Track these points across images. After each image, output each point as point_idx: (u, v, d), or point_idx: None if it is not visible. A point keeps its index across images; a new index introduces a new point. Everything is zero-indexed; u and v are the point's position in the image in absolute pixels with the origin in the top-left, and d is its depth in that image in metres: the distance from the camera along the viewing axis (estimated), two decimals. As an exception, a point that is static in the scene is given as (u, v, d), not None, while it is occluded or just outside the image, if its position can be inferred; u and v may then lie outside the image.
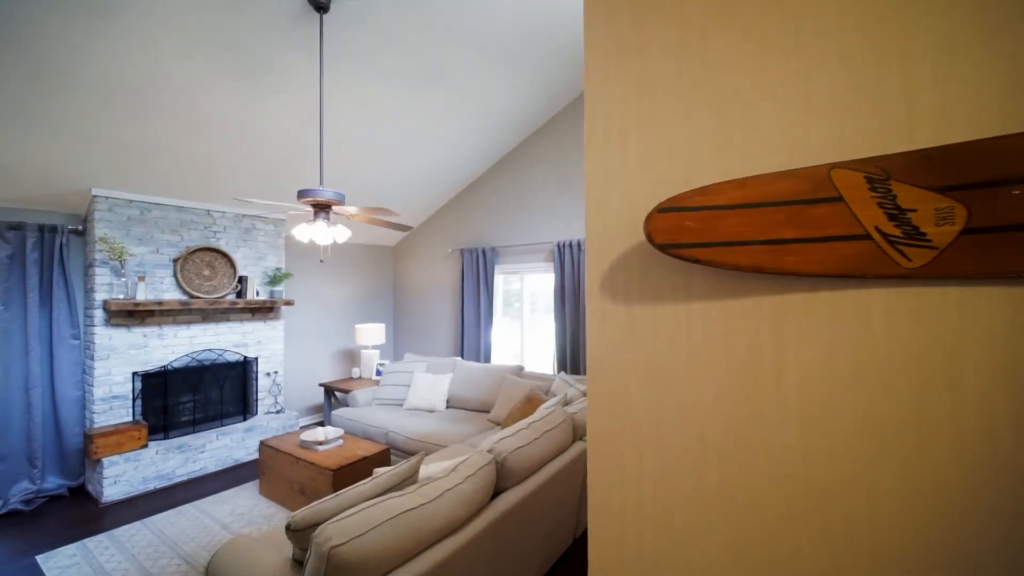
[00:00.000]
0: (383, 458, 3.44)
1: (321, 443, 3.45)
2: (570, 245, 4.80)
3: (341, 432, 3.56)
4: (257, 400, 4.66)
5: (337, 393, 5.40)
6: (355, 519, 1.51)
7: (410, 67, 3.54)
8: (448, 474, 1.89)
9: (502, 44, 3.60)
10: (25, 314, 3.53)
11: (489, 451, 2.11)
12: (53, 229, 3.64)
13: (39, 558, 2.80)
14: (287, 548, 1.81)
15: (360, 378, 5.50)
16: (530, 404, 3.65)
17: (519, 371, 4.40)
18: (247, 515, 3.28)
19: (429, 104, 4.02)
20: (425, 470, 1.97)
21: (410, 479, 1.89)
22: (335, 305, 5.88)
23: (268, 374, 4.77)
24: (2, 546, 2.95)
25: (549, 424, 2.53)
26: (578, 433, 2.78)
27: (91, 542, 2.97)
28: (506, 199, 5.40)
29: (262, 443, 3.62)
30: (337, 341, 5.89)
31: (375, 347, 6.19)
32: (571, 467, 2.54)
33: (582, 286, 4.74)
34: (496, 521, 1.88)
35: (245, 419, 4.55)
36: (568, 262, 4.82)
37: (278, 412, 4.79)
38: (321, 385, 5.39)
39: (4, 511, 3.36)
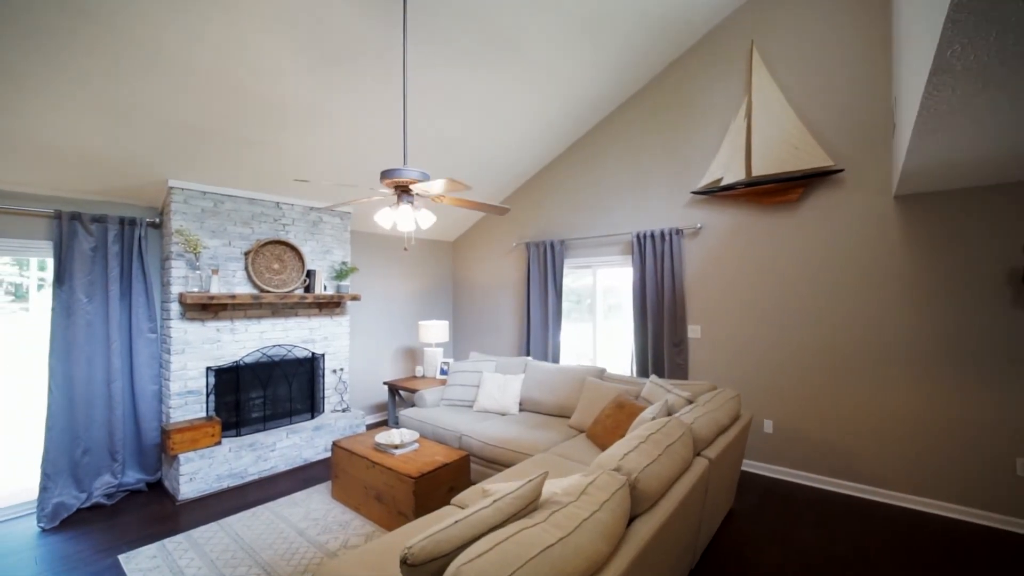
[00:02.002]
0: (464, 466, 3.20)
1: (397, 446, 3.25)
2: (652, 236, 4.40)
3: (417, 435, 3.35)
4: (324, 398, 4.57)
5: (401, 392, 5.26)
6: (491, 558, 1.24)
7: (488, 44, 3.27)
8: (577, 497, 1.59)
9: (586, 9, 3.27)
10: (107, 307, 3.54)
11: (616, 470, 1.79)
12: (132, 222, 3.64)
13: (121, 557, 2.74)
14: None
15: (423, 377, 5.33)
16: (622, 411, 3.30)
17: (601, 373, 4.05)
18: (321, 521, 3.13)
19: (504, 84, 3.75)
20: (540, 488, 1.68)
21: (532, 502, 1.60)
22: (395, 302, 5.74)
23: (334, 371, 4.67)
24: (87, 541, 2.93)
25: (668, 437, 2.18)
26: (697, 447, 2.42)
27: (170, 543, 2.89)
28: (577, 187, 5.07)
29: (335, 444, 3.47)
30: (397, 339, 5.75)
31: (438, 345, 6.02)
32: (696, 488, 2.18)
33: (666, 281, 4.34)
34: (636, 558, 1.56)
35: (313, 417, 4.46)
36: (650, 254, 4.43)
37: (344, 411, 4.68)
38: (385, 383, 5.25)
39: (88, 504, 3.38)
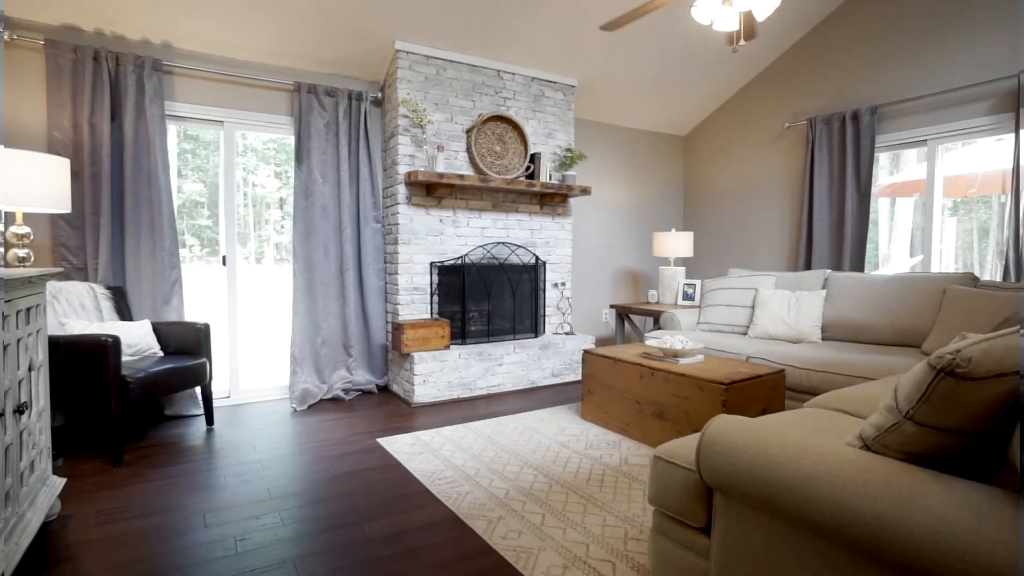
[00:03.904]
0: (779, 384, 2.74)
1: (678, 354, 2.93)
2: (1070, 70, 3.22)
3: (702, 345, 2.98)
4: (545, 316, 4.51)
5: (633, 318, 4.98)
6: None
7: None
8: None
9: None
10: (339, 190, 3.87)
11: None
12: (359, 96, 3.89)
13: (380, 440, 2.96)
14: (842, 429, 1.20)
15: (659, 303, 4.96)
16: (1059, 319, 2.44)
17: (971, 281, 3.16)
18: (581, 438, 2.99)
19: None
20: None
21: None
22: (613, 213, 5.43)
23: (555, 285, 4.57)
24: (340, 424, 3.27)
25: None
26: None
27: (423, 435, 3.04)
28: (901, 20, 3.99)
29: (587, 353, 3.30)
30: (615, 258, 5.46)
31: (678, 263, 5.61)
32: None
33: (1091, 145, 3.15)
34: None
35: (536, 336, 4.44)
36: (1058, 104, 3.26)
37: (568, 333, 4.57)
38: (612, 307, 5.03)
39: (329, 396, 3.81)
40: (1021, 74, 3.38)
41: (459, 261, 4.08)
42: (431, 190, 3.91)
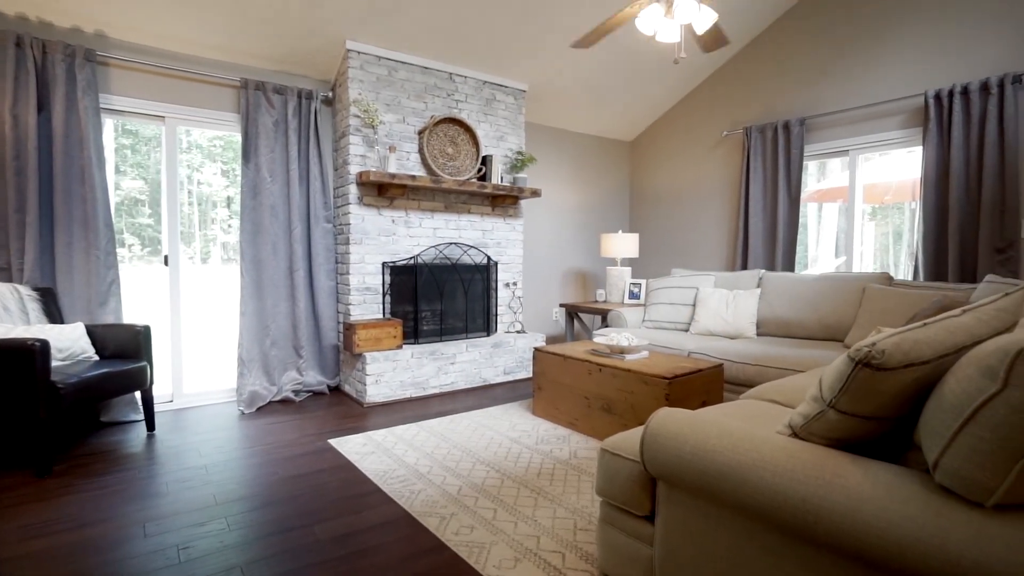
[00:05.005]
0: (717, 378, 2.84)
1: (624, 351, 2.99)
2: (964, 92, 3.51)
3: (647, 342, 3.06)
4: (496, 315, 4.52)
5: (582, 316, 5.06)
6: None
7: None
8: None
9: None
10: (288, 189, 3.74)
11: None
12: (309, 95, 3.77)
13: (331, 441, 2.89)
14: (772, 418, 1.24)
15: (606, 302, 5.06)
16: (961, 314, 2.65)
17: (887, 280, 3.39)
18: (532, 433, 3.01)
19: None
20: None
21: (1016, 319, 1.17)
22: (563, 215, 5.50)
23: (507, 285, 4.58)
24: (290, 426, 3.16)
25: None
26: None
27: (376, 435, 2.98)
28: (828, 35, 4.24)
29: (538, 351, 3.33)
30: (565, 259, 5.53)
31: (625, 263, 5.72)
32: None
33: (987, 159, 3.45)
34: None
35: (488, 335, 4.44)
36: (959, 122, 3.55)
37: (519, 332, 4.60)
38: (562, 306, 5.09)
39: (278, 398, 3.68)
40: (927, 92, 3.65)
41: (411, 261, 4.03)
42: (383, 190, 3.84)
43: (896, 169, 4.21)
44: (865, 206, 4.36)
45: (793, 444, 1.19)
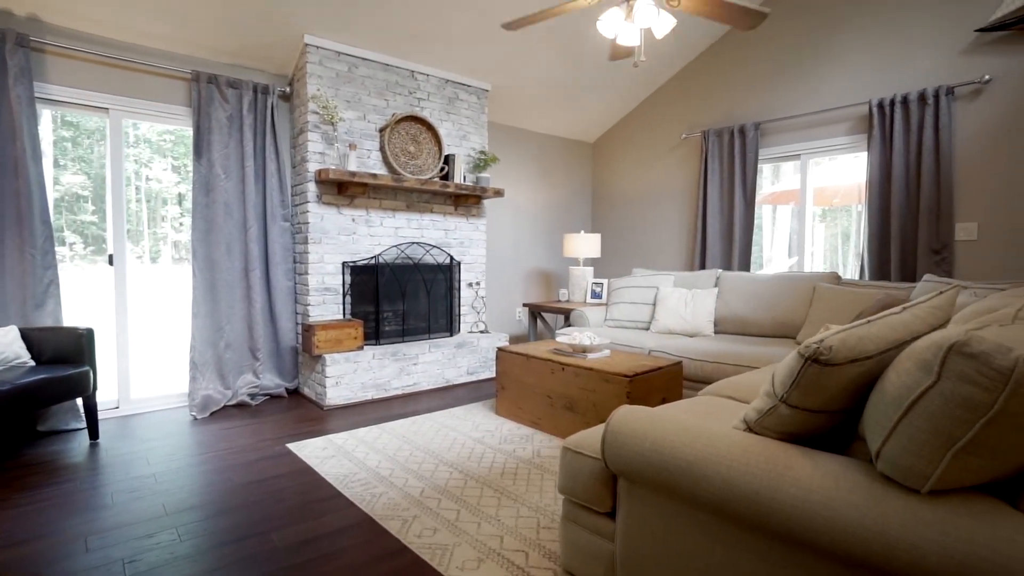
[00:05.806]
0: (677, 375, 2.91)
1: (587, 349, 3.03)
2: (903, 102, 3.70)
3: (609, 341, 3.11)
4: (460, 315, 4.50)
5: (545, 316, 5.09)
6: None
7: None
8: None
9: None
10: (243, 186, 3.62)
11: None
12: (265, 90, 3.67)
13: (290, 445, 2.81)
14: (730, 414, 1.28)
15: (569, 301, 5.10)
16: (902, 312, 2.79)
17: (835, 279, 3.55)
18: (496, 433, 3.01)
19: None
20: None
21: (948, 317, 1.24)
22: (526, 216, 5.52)
23: (471, 284, 4.57)
24: (246, 431, 3.06)
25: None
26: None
27: (336, 438, 2.92)
28: (781, 42, 4.41)
29: (501, 351, 3.33)
30: (527, 260, 5.56)
31: (587, 263, 5.79)
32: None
33: (925, 164, 3.66)
34: None
35: (452, 335, 4.41)
36: (899, 129, 3.74)
37: (483, 332, 4.59)
38: (526, 305, 5.10)
39: (233, 402, 3.56)
40: (871, 101, 3.84)
41: (372, 261, 3.96)
42: (343, 189, 3.76)
43: (844, 173, 4.41)
44: (816, 208, 4.54)
45: (747, 439, 1.23)
